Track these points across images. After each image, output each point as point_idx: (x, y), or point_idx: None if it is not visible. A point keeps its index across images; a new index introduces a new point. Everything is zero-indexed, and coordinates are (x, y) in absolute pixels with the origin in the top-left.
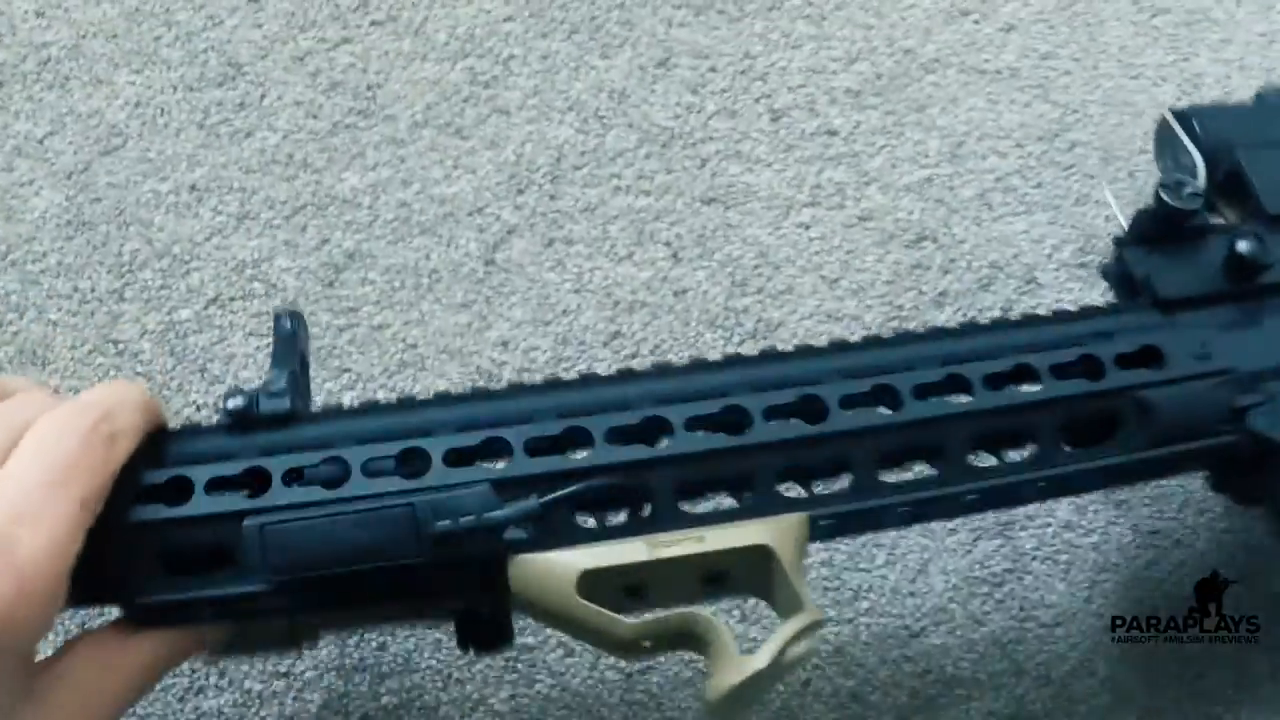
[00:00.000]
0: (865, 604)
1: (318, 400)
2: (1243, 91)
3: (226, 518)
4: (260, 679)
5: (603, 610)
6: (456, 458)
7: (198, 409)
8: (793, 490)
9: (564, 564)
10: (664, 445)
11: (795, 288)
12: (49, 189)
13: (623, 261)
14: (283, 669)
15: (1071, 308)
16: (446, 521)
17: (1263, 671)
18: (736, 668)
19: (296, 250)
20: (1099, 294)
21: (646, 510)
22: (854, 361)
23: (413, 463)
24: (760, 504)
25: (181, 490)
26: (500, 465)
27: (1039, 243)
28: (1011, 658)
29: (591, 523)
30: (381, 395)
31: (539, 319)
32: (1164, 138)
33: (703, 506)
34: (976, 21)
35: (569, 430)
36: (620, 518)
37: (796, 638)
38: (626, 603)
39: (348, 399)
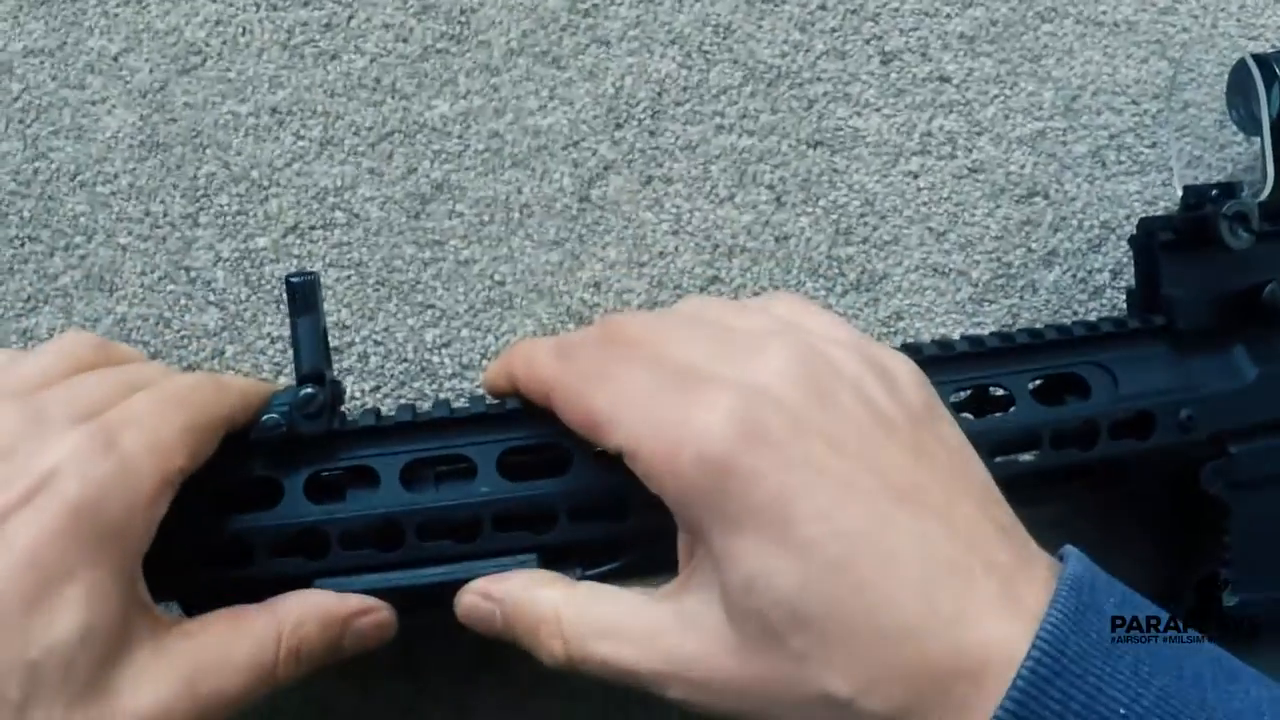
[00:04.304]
0: None
1: (397, 338)
2: None
3: (292, 579)
4: None
5: None
6: (505, 523)
7: (271, 341)
8: None
9: None
10: None
11: (901, 238)
12: (122, 108)
13: (723, 203)
14: None
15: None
16: None
17: None
18: None
19: (381, 179)
20: None
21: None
22: None
23: (465, 531)
24: None
25: (245, 554)
26: (548, 534)
27: (1152, 205)
28: None
29: None
30: (465, 332)
31: (634, 260)
32: (1239, 83)
33: None
34: None
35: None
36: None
37: None
38: None
39: (430, 336)
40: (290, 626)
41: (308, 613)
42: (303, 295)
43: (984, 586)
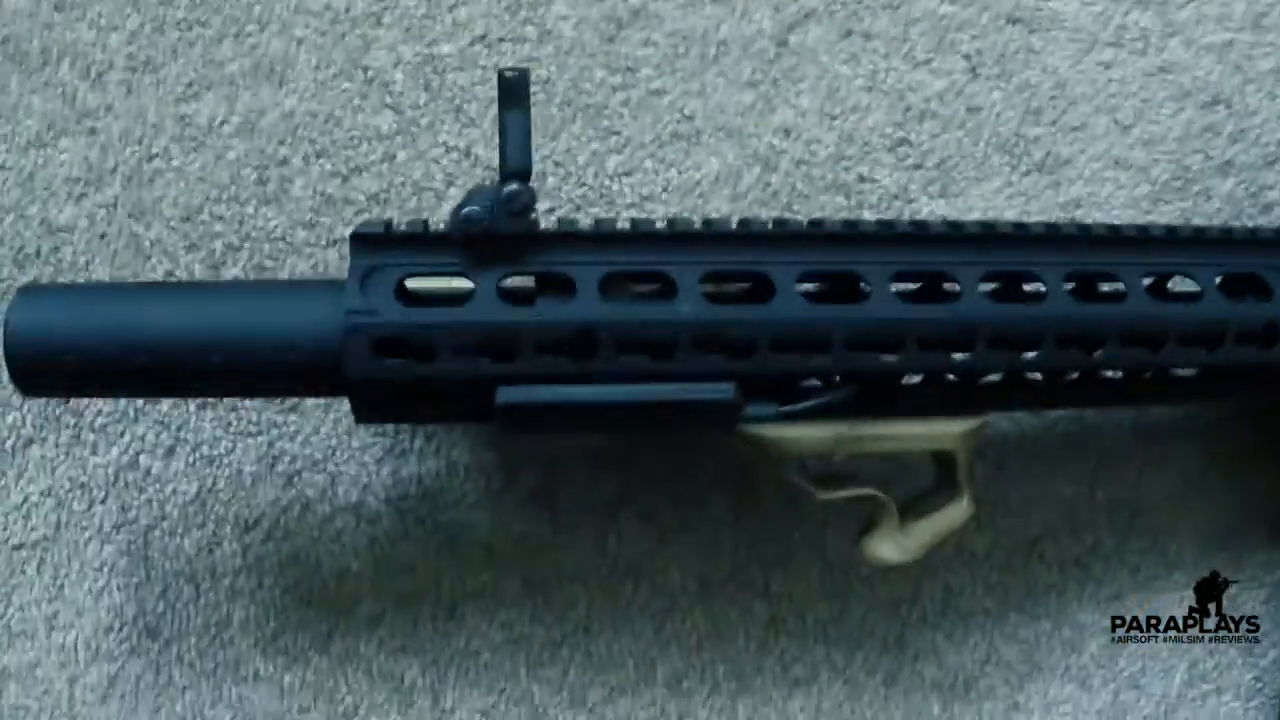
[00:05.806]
0: None
1: (578, 160)
2: None
3: (474, 381)
4: (469, 450)
5: (807, 484)
6: (704, 346)
7: (447, 150)
8: None
9: (784, 440)
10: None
11: (1088, 126)
12: None
13: (919, 67)
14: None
15: None
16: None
17: None
18: (896, 547)
19: None
20: None
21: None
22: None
23: (661, 351)
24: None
25: (427, 351)
26: (747, 362)
27: None
28: None
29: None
30: (649, 163)
31: (826, 111)
32: None
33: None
34: None
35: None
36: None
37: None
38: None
39: (612, 163)
40: None
41: None
42: (514, 89)
43: None
